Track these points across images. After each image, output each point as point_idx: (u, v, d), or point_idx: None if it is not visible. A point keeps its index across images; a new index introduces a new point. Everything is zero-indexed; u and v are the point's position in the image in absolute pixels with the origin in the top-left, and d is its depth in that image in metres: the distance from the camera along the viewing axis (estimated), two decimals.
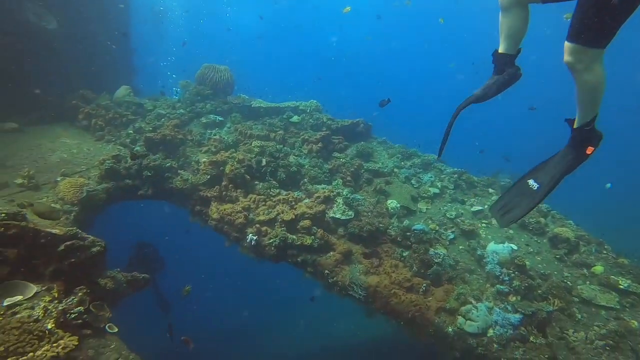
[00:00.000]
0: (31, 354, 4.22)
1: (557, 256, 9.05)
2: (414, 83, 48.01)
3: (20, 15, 11.64)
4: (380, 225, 9.15)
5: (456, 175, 11.58)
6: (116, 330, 5.87)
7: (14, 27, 11.40)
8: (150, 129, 11.50)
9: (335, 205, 9.48)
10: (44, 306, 4.97)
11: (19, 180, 8.17)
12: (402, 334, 8.38)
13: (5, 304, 4.91)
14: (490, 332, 7.34)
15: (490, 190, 11.36)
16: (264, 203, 9.30)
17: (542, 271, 8.57)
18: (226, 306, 18.96)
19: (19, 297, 5.13)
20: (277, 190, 9.66)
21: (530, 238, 9.67)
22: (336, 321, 16.39)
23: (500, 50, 3.78)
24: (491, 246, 9.00)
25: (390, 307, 7.80)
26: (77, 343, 4.79)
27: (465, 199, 10.89)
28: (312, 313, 17.62)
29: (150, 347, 8.01)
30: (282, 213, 8.89)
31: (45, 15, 12.33)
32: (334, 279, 8.17)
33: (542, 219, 9.93)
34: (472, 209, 10.44)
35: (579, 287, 8.22)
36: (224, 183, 9.61)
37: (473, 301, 7.80)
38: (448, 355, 7.57)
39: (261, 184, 9.74)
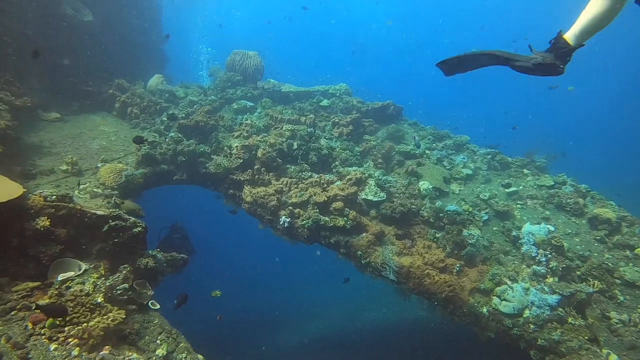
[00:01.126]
0: (85, 324, 4.49)
1: (597, 237, 8.78)
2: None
3: (59, 9, 12.05)
4: (413, 206, 9.11)
5: (489, 156, 11.34)
6: (158, 307, 6.15)
7: (54, 20, 11.83)
8: (183, 115, 11.76)
9: (367, 187, 9.49)
10: (93, 282, 5.26)
11: (64, 167, 8.55)
12: (435, 315, 8.40)
13: (59, 279, 5.22)
14: (527, 312, 7.25)
15: (526, 170, 11.06)
16: (296, 186, 9.41)
17: (581, 252, 8.34)
18: (261, 289, 19.45)
19: (71, 273, 5.44)
20: (309, 173, 9.74)
21: (568, 219, 9.41)
22: (369, 302, 16.52)
23: (566, 35, 3.36)
24: (527, 227, 8.81)
25: (424, 288, 7.81)
26: (124, 316, 5.06)
27: (499, 180, 10.67)
28: (346, 294, 17.87)
29: (189, 324, 8.34)
30: (315, 195, 8.97)
31: (82, 8, 12.73)
32: (367, 259, 8.22)
33: (580, 200, 9.63)
34: (507, 190, 10.22)
35: (621, 269, 7.95)
36: (256, 167, 9.76)
37: (508, 282, 7.70)
38: (482, 335, 7.53)
39: (293, 167, 9.84)
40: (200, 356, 5.38)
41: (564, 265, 7.78)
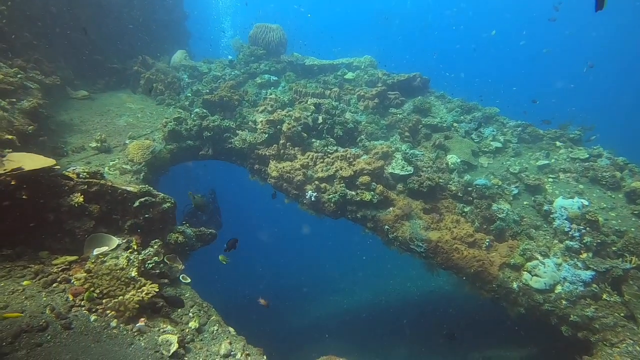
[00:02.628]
0: (121, 297, 4.63)
1: (636, 212, 8.45)
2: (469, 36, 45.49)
3: None
4: (441, 180, 8.95)
5: (520, 129, 10.97)
6: (189, 280, 6.29)
7: None
8: (207, 90, 11.74)
9: (393, 161, 9.35)
10: (127, 256, 5.38)
11: (93, 144, 8.71)
12: (458, 290, 8.34)
13: (95, 253, 5.37)
14: (559, 288, 7.12)
15: (558, 143, 10.67)
16: (322, 160, 9.34)
17: (617, 227, 8.07)
18: (288, 262, 19.76)
19: (105, 248, 5.58)
20: (335, 147, 9.64)
21: (604, 193, 9.08)
22: (394, 277, 16.60)
23: None
24: (559, 201, 8.56)
25: (452, 262, 7.73)
26: (157, 290, 5.18)
27: (530, 153, 10.34)
28: (372, 269, 18.00)
29: (217, 296, 8.50)
30: (341, 169, 8.90)
31: None
32: (394, 234, 8.17)
33: (617, 173, 9.25)
34: (538, 163, 9.91)
35: None
36: (281, 141, 9.71)
37: (540, 257, 7.55)
38: (512, 310, 7.45)
39: (318, 141, 9.75)
40: (231, 329, 5.50)
41: (599, 241, 7.56)
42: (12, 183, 4.83)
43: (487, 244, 7.93)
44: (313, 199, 8.76)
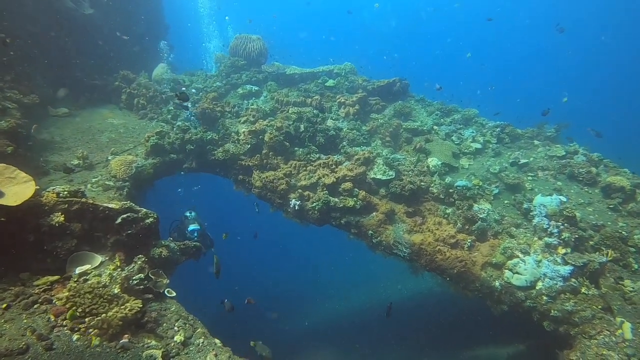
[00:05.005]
0: (104, 315, 4.65)
1: (611, 206, 8.69)
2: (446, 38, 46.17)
3: (60, 3, 12.02)
4: (422, 183, 9.10)
5: (499, 129, 11.18)
6: (174, 294, 6.31)
7: (55, 14, 11.81)
8: (190, 104, 11.78)
9: (375, 166, 9.48)
10: (109, 273, 5.41)
11: (75, 162, 8.70)
12: (447, 290, 8.47)
13: (77, 272, 5.38)
14: (539, 284, 7.27)
15: (536, 142, 10.91)
16: (304, 168, 9.44)
17: (594, 222, 8.27)
18: (274, 270, 19.72)
19: (88, 266, 5.60)
20: (317, 155, 9.74)
21: (581, 189, 9.30)
22: (382, 280, 16.69)
23: None
24: (538, 199, 8.75)
25: (436, 264, 7.86)
26: (141, 306, 5.20)
27: (509, 153, 10.55)
28: (360, 273, 18.09)
29: (202, 309, 8.48)
30: (323, 177, 9.00)
31: (82, 1, 12.68)
32: (378, 238, 8.28)
33: (593, 169, 9.49)
34: (517, 164, 10.11)
35: (635, 236, 7.88)
36: (264, 151, 9.80)
37: (520, 255, 7.70)
38: (496, 309, 7.58)
39: (301, 149, 9.85)
40: (217, 340, 5.53)
41: (577, 236, 7.73)
42: None
43: (469, 244, 8.06)
44: (297, 207, 8.84)
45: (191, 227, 9.19)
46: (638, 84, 42.62)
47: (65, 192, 5.96)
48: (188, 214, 9.60)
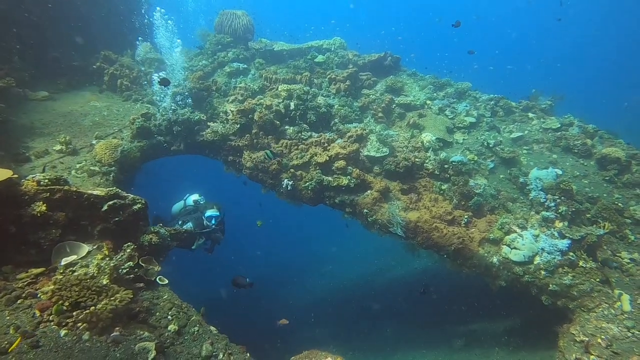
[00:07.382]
0: (92, 307, 4.45)
1: (607, 178, 8.61)
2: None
3: None
4: (417, 159, 8.92)
5: (493, 102, 10.98)
6: (166, 282, 6.12)
7: None
8: (176, 83, 11.37)
9: (368, 143, 9.27)
10: (97, 263, 5.17)
11: (58, 147, 8.35)
12: (445, 267, 8.40)
13: (62, 263, 5.16)
14: (537, 259, 7.22)
15: (530, 114, 10.74)
16: (296, 147, 9.19)
17: (590, 194, 8.21)
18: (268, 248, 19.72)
19: (74, 257, 5.37)
20: (309, 133, 9.47)
21: (576, 161, 9.20)
22: (378, 257, 16.74)
23: None
24: (534, 172, 8.64)
25: (432, 241, 7.76)
26: (132, 296, 5.00)
27: (503, 126, 10.38)
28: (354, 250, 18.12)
29: (196, 295, 8.37)
30: (316, 155, 8.78)
31: None
32: (374, 217, 8.13)
33: (588, 140, 9.38)
34: (512, 136, 9.96)
35: (631, 208, 7.85)
36: (254, 131, 9.51)
37: (518, 230, 7.63)
38: (494, 284, 7.54)
39: (291, 128, 9.57)
40: (212, 328, 5.40)
41: (574, 209, 7.68)
42: None
43: (465, 220, 7.97)
44: (289, 187, 8.64)
45: (209, 212, 8.58)
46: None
47: (46, 180, 5.67)
48: (198, 197, 9.10)
